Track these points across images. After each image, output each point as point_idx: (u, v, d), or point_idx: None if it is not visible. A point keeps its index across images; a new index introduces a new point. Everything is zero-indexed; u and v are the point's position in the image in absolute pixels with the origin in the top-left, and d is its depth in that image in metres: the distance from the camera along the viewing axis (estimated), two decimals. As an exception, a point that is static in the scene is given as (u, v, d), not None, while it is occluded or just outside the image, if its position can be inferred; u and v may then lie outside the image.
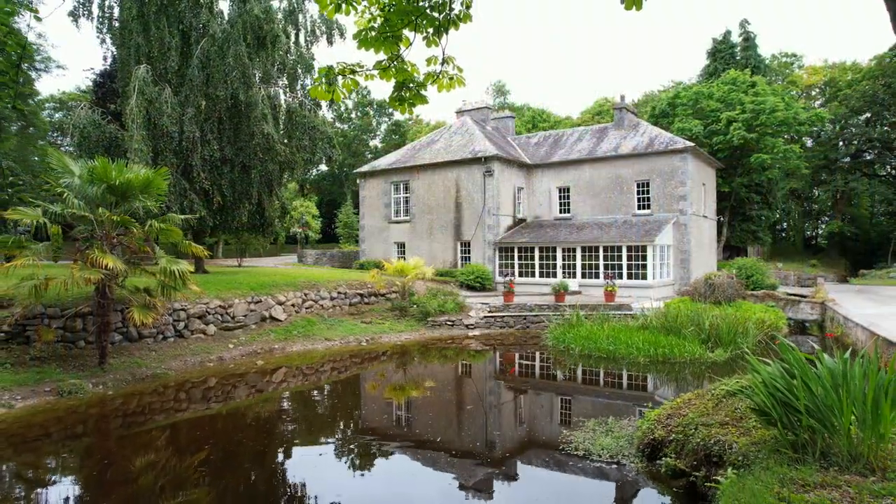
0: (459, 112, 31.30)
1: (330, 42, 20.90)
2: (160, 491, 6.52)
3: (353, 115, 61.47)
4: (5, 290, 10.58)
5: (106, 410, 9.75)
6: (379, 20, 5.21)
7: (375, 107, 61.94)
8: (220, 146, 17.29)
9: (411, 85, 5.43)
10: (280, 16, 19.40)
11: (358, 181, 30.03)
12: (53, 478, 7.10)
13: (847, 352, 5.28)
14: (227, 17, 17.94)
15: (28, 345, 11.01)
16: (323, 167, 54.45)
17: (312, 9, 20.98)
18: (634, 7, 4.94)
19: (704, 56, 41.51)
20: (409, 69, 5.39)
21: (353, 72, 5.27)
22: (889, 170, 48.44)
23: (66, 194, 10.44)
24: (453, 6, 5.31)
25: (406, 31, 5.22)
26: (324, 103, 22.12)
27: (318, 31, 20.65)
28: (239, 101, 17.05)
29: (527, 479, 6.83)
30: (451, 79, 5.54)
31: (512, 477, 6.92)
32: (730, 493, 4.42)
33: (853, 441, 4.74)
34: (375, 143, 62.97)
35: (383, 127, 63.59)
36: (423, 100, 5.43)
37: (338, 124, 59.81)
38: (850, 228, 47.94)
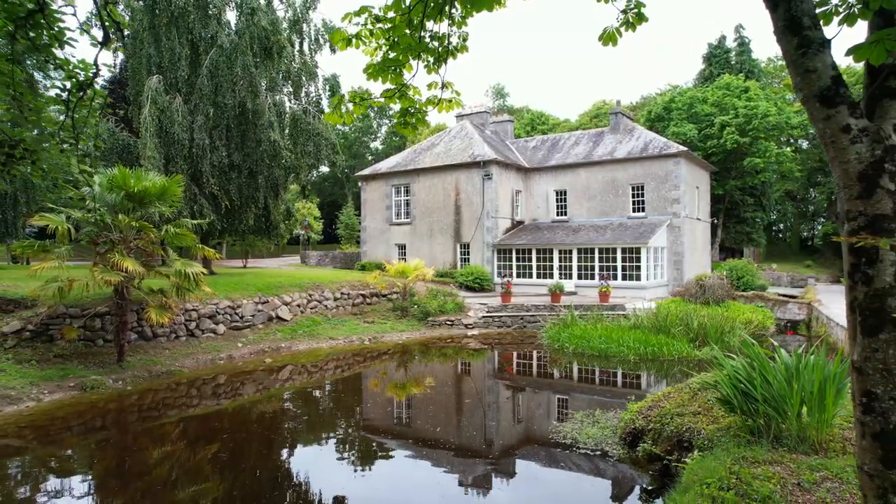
0: (459, 116, 31.95)
1: (333, 50, 21.54)
2: (177, 480, 7.08)
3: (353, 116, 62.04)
4: (31, 291, 11.22)
5: (126, 405, 10.38)
6: (385, 48, 5.86)
7: (376, 109, 62.60)
8: (228, 152, 17.95)
9: (412, 110, 6.09)
10: (285, 25, 20.04)
11: (360, 184, 30.68)
12: (79, 467, 7.72)
13: (801, 348, 5.93)
14: (234, 28, 18.59)
15: (51, 343, 11.66)
16: (324, 169, 55.10)
17: (316, 18, 21.63)
18: (611, 43, 5.60)
19: (700, 60, 42.19)
20: (412, 93, 6.05)
21: (363, 99, 5.94)
22: (883, 172, 48.98)
23: (87, 201, 11.08)
24: (451, 40, 5.97)
25: (410, 60, 5.88)
26: (327, 108, 22.78)
27: (321, 40, 21.30)
28: (246, 109, 17.71)
29: (518, 465, 7.48)
30: (449, 101, 6.20)
31: (505, 463, 7.57)
32: (691, 471, 5.07)
33: (802, 425, 5.40)
34: (376, 144, 63.64)
35: (384, 129, 64.25)
36: (425, 123, 6.10)
37: (339, 126, 60.44)
38: (845, 230, 48.52)
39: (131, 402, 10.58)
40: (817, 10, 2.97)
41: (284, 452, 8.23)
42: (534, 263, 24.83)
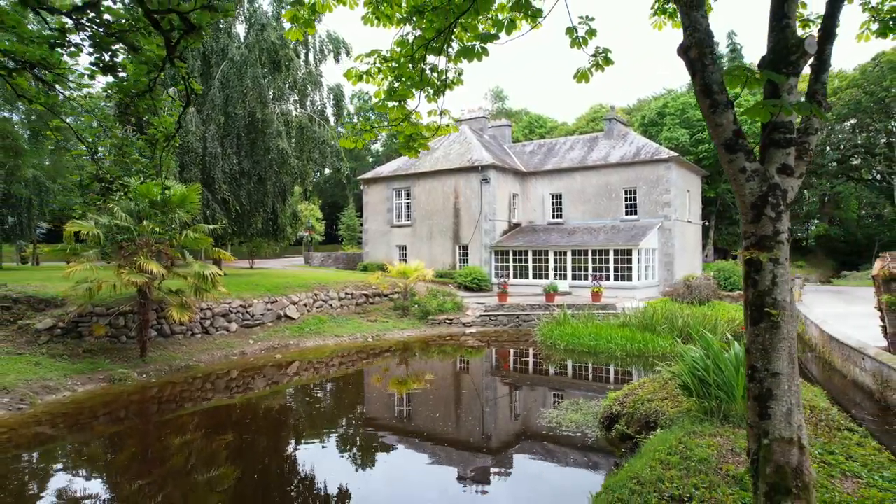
0: (458, 121, 32.90)
1: (337, 60, 22.52)
2: (196, 465, 7.93)
3: (354, 120, 63.09)
4: (64, 291, 12.16)
5: (151, 396, 11.32)
6: (390, 78, 6.81)
7: (376, 112, 63.54)
8: (238, 160, 18.91)
9: (415, 135, 7.03)
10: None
11: (362, 187, 31.65)
12: (114, 450, 8.65)
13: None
14: (243, 41, 19.54)
15: (80, 339, 12.61)
16: (326, 170, 56.12)
17: (321, 29, 22.58)
18: (584, 81, 6.56)
19: (694, 65, 43.08)
20: (415, 118, 7.00)
21: (372, 127, 6.91)
22: (874, 174, 50.09)
23: (115, 209, 12.02)
24: (448, 75, 6.92)
25: (413, 91, 6.83)
26: (331, 116, 23.74)
27: (325, 50, 22.26)
28: (256, 118, 18.66)
29: (507, 444, 8.43)
30: (447, 126, 7.17)
31: (496, 444, 8.52)
32: (651, 444, 6.02)
33: (747, 406, 6.33)
34: (377, 147, 64.57)
35: (384, 132, 65.17)
36: (427, 147, 7.04)
37: (340, 129, 61.41)
38: (836, 230, 49.60)
39: (155, 393, 11.53)
40: (725, 78, 3.91)
41: (294, 442, 8.99)
42: (530, 264, 25.78)
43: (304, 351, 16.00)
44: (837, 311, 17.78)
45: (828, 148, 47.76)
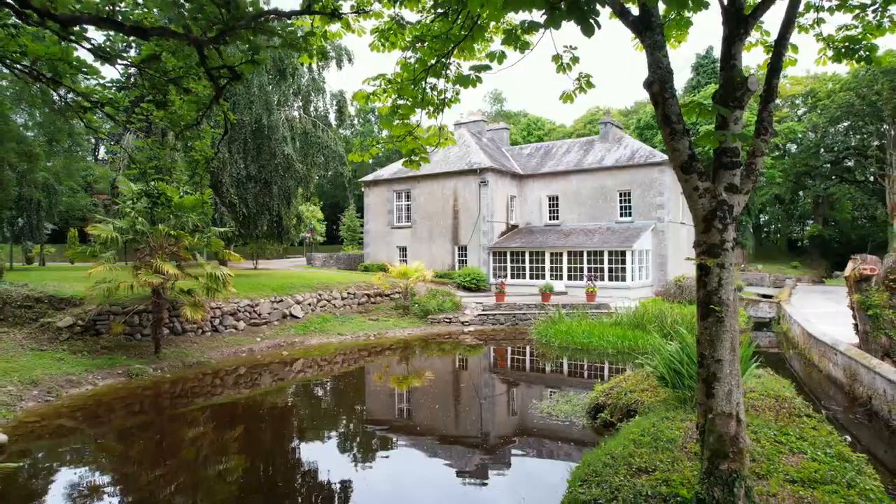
0: (457, 124, 33.59)
1: (339, 66, 23.19)
2: (209, 456, 8.55)
3: (355, 122, 63.76)
4: (83, 291, 12.84)
5: (165, 390, 11.98)
6: (393, 96, 7.49)
7: (376, 117, 64.23)
8: (245, 165, 19.59)
9: (416, 150, 7.72)
10: (295, 44, 21.64)
11: (363, 189, 32.33)
12: (135, 438, 9.33)
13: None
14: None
15: (98, 336, 13.28)
16: (329, 173, 56.72)
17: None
18: (569, 101, 7.25)
19: (689, 70, 43.85)
20: (417, 131, 7.67)
21: (377, 142, 7.60)
22: (867, 176, 50.81)
23: (132, 213, 12.69)
24: (447, 94, 7.61)
25: (415, 109, 7.51)
26: (333, 121, 24.41)
27: (328, 58, 22.92)
28: (262, 124, 19.34)
29: (504, 432, 9.11)
30: (445, 139, 7.86)
31: (492, 431, 9.20)
32: (627, 428, 6.70)
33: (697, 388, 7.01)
34: (377, 148, 65.19)
35: (385, 133, 65.88)
36: (427, 161, 7.73)
37: (341, 131, 62.04)
38: (831, 231, 50.34)
39: (169, 387, 12.19)
40: (682, 110, 4.59)
41: (299, 436, 9.52)
42: (527, 265, 26.47)
43: (308, 348, 16.66)
44: (827, 311, 18.50)
45: (822, 150, 48.43)
